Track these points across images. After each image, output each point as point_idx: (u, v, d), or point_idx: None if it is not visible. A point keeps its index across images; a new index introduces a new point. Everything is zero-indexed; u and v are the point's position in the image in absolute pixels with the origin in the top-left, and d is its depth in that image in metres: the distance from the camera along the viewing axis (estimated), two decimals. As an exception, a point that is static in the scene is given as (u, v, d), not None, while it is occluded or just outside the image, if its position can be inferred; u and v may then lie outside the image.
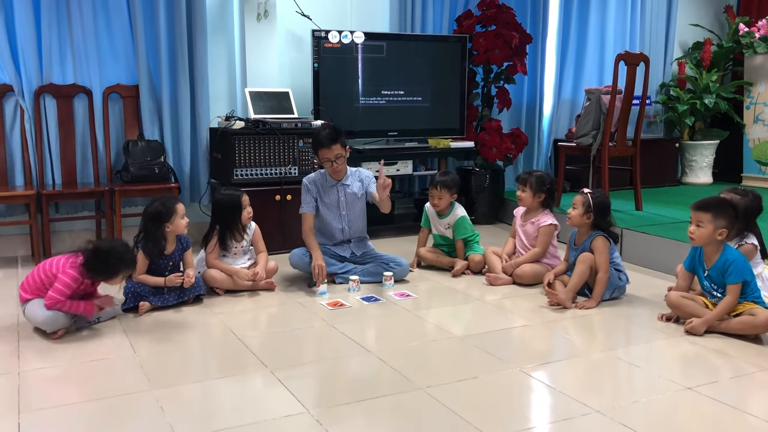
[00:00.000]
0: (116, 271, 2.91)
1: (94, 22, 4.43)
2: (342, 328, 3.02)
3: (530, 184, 3.78)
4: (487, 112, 5.60)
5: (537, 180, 3.79)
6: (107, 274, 2.91)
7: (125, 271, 2.96)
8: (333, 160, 3.64)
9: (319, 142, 3.64)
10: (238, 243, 3.60)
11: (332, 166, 3.67)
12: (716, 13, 6.98)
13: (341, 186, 3.76)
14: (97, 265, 2.87)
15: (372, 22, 5.38)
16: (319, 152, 3.67)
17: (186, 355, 2.79)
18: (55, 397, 2.35)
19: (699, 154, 6.50)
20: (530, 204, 3.80)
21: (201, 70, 4.68)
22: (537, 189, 3.77)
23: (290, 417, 2.16)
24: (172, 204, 3.29)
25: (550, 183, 3.82)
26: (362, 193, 3.79)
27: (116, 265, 2.90)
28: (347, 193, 3.77)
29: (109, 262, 2.87)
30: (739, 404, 2.26)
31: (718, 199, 3.00)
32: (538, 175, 3.82)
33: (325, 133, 3.62)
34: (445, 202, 4.01)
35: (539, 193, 3.78)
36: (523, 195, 3.81)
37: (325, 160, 3.66)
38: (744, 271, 2.85)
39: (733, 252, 2.92)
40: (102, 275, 2.92)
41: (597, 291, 3.33)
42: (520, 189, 3.84)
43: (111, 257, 2.87)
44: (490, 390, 2.38)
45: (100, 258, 2.86)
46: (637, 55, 4.95)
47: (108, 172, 4.52)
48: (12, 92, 4.28)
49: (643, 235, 4.22)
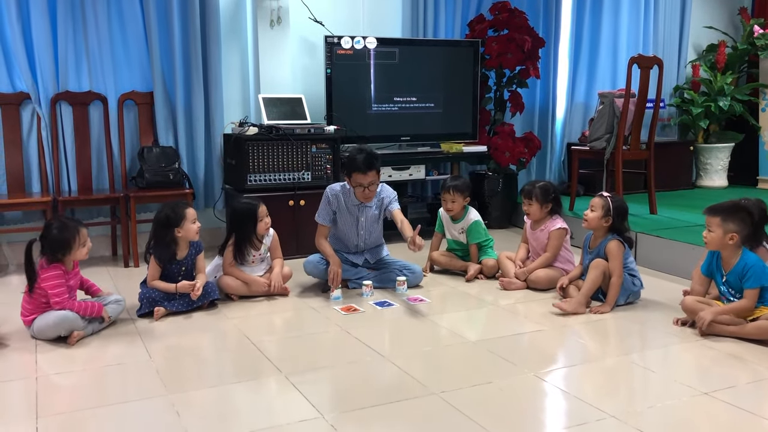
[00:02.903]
0: (66, 240, 2.92)
1: (109, 29, 4.49)
2: (356, 333, 3.02)
3: (536, 196, 3.74)
4: (500, 116, 5.60)
5: (542, 191, 3.74)
6: (62, 246, 2.92)
7: (73, 237, 2.94)
8: (366, 186, 3.55)
9: (356, 166, 3.50)
10: (255, 252, 3.60)
11: (363, 191, 3.58)
12: (731, 15, 6.94)
13: (364, 207, 3.71)
14: (50, 245, 2.92)
15: (384, 28, 5.40)
16: (353, 176, 3.54)
17: (201, 359, 2.81)
18: (72, 402, 2.37)
19: (714, 157, 6.45)
20: (538, 216, 3.78)
21: (215, 77, 4.71)
22: (543, 200, 3.74)
23: (305, 422, 2.17)
24: (182, 209, 3.29)
25: (554, 191, 3.78)
26: (382, 211, 3.75)
27: (60, 235, 2.92)
28: (368, 215, 3.73)
29: (54, 236, 2.92)
30: (757, 410, 2.24)
31: (730, 203, 2.97)
32: (541, 186, 3.77)
33: (362, 158, 3.49)
34: (459, 206, 4.00)
35: (546, 204, 3.75)
36: (530, 209, 3.78)
37: (358, 185, 3.56)
38: (762, 277, 2.83)
39: (752, 257, 2.89)
40: (60, 250, 2.93)
41: (611, 295, 3.31)
42: (525, 203, 3.79)
43: (51, 232, 2.93)
44: (504, 395, 2.38)
45: (46, 237, 2.93)
46: (651, 58, 4.93)
47: (123, 178, 4.56)
48: (29, 100, 4.33)
49: (658, 239, 4.20)
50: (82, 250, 3.00)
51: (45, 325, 2.88)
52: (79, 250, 2.99)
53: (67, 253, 2.95)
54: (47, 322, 2.87)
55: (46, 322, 2.88)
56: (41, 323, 2.89)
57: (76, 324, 2.90)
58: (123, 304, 3.22)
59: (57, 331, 2.88)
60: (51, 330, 2.88)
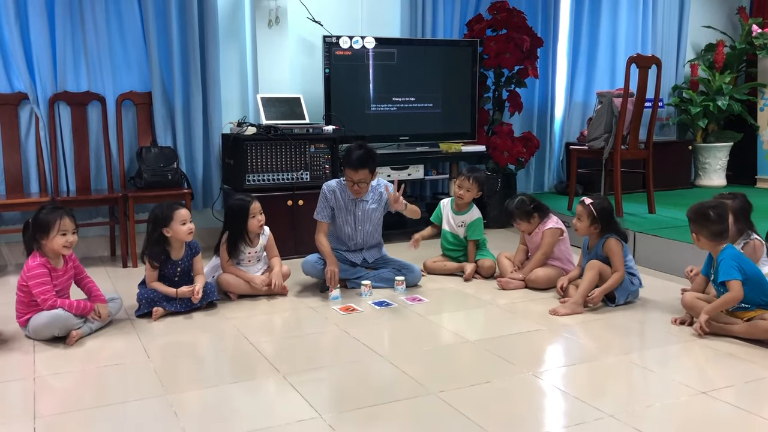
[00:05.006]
0: (46, 222, 2.88)
1: (108, 30, 4.48)
2: (354, 333, 3.02)
3: (516, 215, 3.77)
4: (499, 115, 5.60)
5: (518, 208, 3.76)
6: (41, 228, 2.89)
7: (54, 222, 2.89)
8: (355, 182, 3.60)
9: (349, 162, 3.56)
10: (250, 249, 3.61)
11: (353, 186, 3.62)
12: (729, 15, 6.94)
13: (360, 201, 3.73)
14: (33, 224, 2.90)
15: (383, 28, 5.40)
16: (346, 170, 3.61)
17: (199, 360, 2.80)
18: (69, 402, 2.36)
19: (712, 156, 6.46)
20: (531, 229, 3.80)
21: (213, 77, 4.71)
22: (525, 215, 3.76)
23: (303, 422, 2.16)
24: (171, 210, 3.27)
25: (531, 201, 3.78)
26: (381, 206, 3.77)
27: (44, 217, 2.89)
28: (365, 209, 3.75)
29: (38, 217, 2.91)
30: (755, 409, 2.24)
31: (692, 210, 3.02)
32: (516, 203, 3.78)
33: (356, 155, 3.54)
34: (471, 196, 4.00)
35: (530, 216, 3.76)
36: (520, 226, 3.82)
37: (349, 179, 3.61)
38: (728, 271, 2.85)
39: (725, 253, 2.92)
40: (38, 231, 2.89)
41: (608, 284, 3.30)
42: (514, 224, 3.83)
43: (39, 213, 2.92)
44: (503, 394, 2.38)
45: (30, 226, 2.92)
46: (649, 58, 4.93)
47: (121, 178, 4.56)
48: (27, 100, 4.33)
49: (657, 238, 4.20)
50: (59, 239, 2.89)
51: (38, 325, 2.87)
52: (57, 238, 2.88)
53: (44, 237, 2.88)
54: (40, 322, 2.87)
55: (39, 322, 2.87)
56: (35, 323, 2.89)
57: (70, 322, 2.89)
58: (119, 303, 3.22)
59: (51, 330, 2.87)
60: (45, 329, 2.87)
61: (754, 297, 2.85)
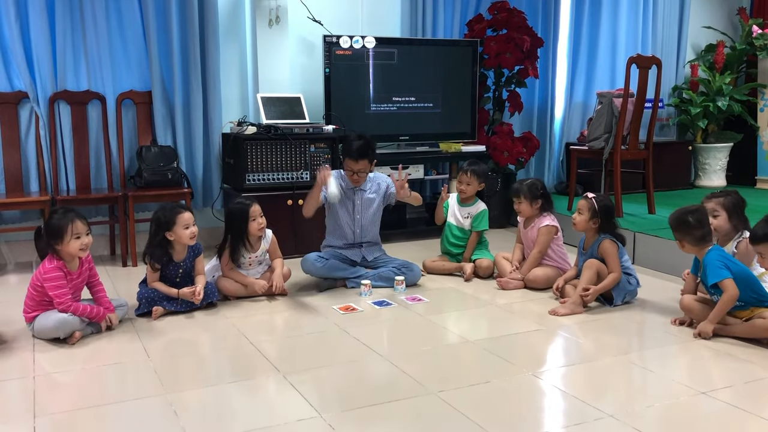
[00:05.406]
0: (60, 227, 2.87)
1: (108, 29, 4.48)
2: (354, 333, 3.02)
3: (524, 193, 3.77)
4: (499, 116, 5.60)
5: (529, 188, 3.77)
6: (54, 234, 2.87)
7: (67, 226, 2.87)
8: (355, 171, 3.68)
9: (348, 151, 3.67)
10: (252, 253, 3.59)
11: (352, 176, 3.71)
12: (729, 15, 6.94)
13: (359, 191, 3.79)
14: (46, 230, 2.90)
15: (383, 27, 5.39)
16: (345, 160, 3.71)
17: (199, 359, 2.81)
18: (69, 401, 2.36)
19: (712, 157, 6.46)
20: (529, 213, 3.80)
21: (213, 76, 4.71)
22: (531, 197, 3.76)
23: (303, 421, 2.17)
24: (174, 214, 3.25)
25: (542, 188, 3.81)
26: (379, 198, 3.81)
27: (57, 222, 2.88)
28: (363, 198, 3.80)
29: (51, 222, 2.90)
30: (754, 409, 2.24)
31: (673, 219, 3.05)
32: (529, 183, 3.81)
33: (356, 146, 3.64)
34: (473, 189, 4.03)
35: (535, 200, 3.77)
36: (520, 207, 3.82)
37: (348, 169, 3.71)
38: (713, 273, 2.86)
39: (708, 255, 2.93)
40: (52, 237, 2.88)
41: (604, 284, 3.30)
42: (515, 202, 3.83)
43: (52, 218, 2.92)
44: (502, 394, 2.38)
45: (43, 232, 2.92)
46: (649, 58, 4.93)
47: (121, 177, 4.56)
48: (27, 99, 4.33)
49: (656, 238, 4.20)
50: (74, 243, 2.89)
51: (45, 327, 2.87)
52: (72, 243, 2.88)
53: (59, 242, 2.87)
54: (47, 323, 2.87)
55: (46, 323, 2.87)
56: (41, 324, 2.89)
57: (75, 327, 2.89)
58: (126, 309, 3.23)
59: (56, 333, 2.87)
60: (50, 332, 2.88)
61: (744, 294, 2.86)
